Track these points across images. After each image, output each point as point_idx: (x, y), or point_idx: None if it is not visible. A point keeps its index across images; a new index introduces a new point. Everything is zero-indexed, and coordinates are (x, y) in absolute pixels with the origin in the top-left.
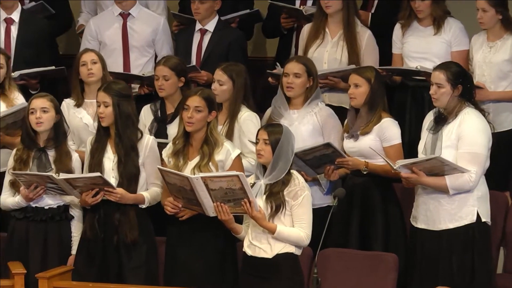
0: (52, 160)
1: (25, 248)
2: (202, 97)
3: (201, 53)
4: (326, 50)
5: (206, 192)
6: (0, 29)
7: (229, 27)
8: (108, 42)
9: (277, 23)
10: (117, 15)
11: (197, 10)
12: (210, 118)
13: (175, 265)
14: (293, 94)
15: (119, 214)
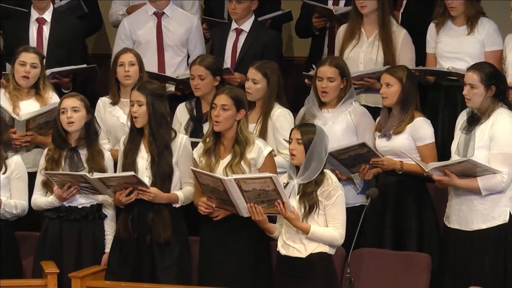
0: (85, 159)
1: (59, 248)
2: (229, 95)
3: (236, 53)
4: (362, 50)
5: (240, 193)
6: (32, 29)
7: (264, 27)
8: (143, 41)
9: (309, 23)
10: (151, 14)
11: (234, 10)
12: (239, 117)
13: (209, 265)
14: (328, 99)
15: (152, 213)
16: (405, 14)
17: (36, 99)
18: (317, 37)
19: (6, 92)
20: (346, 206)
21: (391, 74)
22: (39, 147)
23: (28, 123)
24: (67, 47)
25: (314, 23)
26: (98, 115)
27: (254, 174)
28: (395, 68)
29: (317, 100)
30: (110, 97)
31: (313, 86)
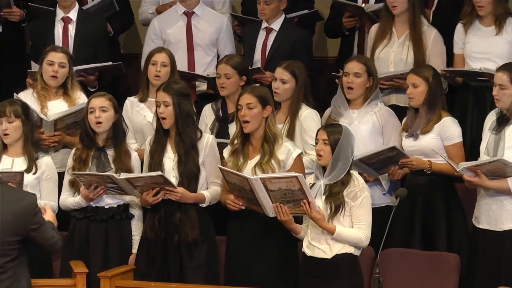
0: (111, 160)
1: (86, 248)
2: (253, 94)
3: (266, 52)
4: (392, 50)
5: (265, 192)
6: (58, 28)
7: (294, 26)
8: (173, 40)
9: (339, 23)
10: (181, 14)
11: (263, 11)
12: (266, 114)
13: (235, 265)
14: (353, 96)
15: (180, 213)
16: (436, 13)
17: (64, 99)
18: (347, 37)
19: (34, 92)
20: (372, 206)
21: (417, 74)
22: (67, 147)
23: (56, 124)
24: (93, 46)
25: (344, 22)
26: (126, 115)
27: (280, 173)
28: (421, 68)
29: (345, 98)
30: (139, 94)
31: (341, 85)
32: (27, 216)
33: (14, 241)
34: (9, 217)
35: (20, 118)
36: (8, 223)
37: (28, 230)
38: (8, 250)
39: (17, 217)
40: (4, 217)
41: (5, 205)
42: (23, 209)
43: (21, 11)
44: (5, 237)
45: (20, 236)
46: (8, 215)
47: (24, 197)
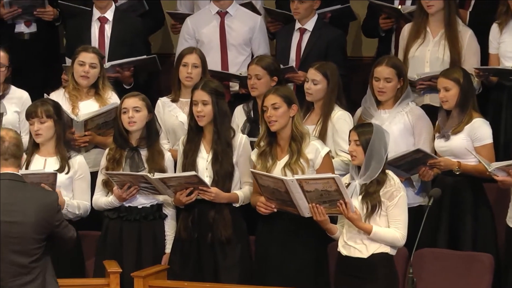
0: (145, 159)
1: (119, 248)
2: (277, 94)
3: (300, 52)
4: (428, 49)
5: (302, 193)
6: (94, 28)
7: (328, 26)
8: (206, 40)
9: (375, 24)
10: (214, 14)
11: (297, 10)
12: (292, 113)
13: (266, 266)
14: (385, 98)
15: (213, 212)
16: (473, 14)
17: (96, 99)
18: (384, 38)
19: (66, 92)
20: None
21: (447, 77)
22: (98, 147)
23: (86, 124)
24: (129, 45)
25: (381, 24)
26: (158, 115)
27: (317, 174)
28: (451, 70)
29: (374, 100)
30: (171, 95)
31: (370, 86)
32: (51, 213)
33: (39, 239)
34: (35, 214)
35: (52, 118)
36: (35, 221)
37: (53, 226)
38: (33, 249)
39: (42, 214)
40: (30, 215)
41: (31, 202)
42: (48, 206)
43: (54, 10)
44: (32, 235)
45: (45, 234)
46: (34, 212)
47: (48, 195)
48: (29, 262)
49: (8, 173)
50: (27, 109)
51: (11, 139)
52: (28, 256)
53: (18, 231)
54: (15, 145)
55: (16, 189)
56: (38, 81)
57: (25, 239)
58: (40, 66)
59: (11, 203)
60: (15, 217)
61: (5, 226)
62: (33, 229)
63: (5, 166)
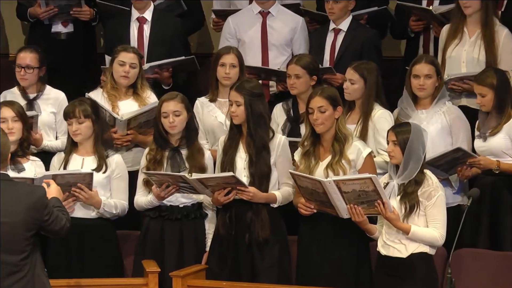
0: (185, 158)
1: (160, 247)
2: (323, 96)
3: (335, 53)
4: (464, 49)
5: (339, 194)
6: (133, 28)
7: (363, 26)
8: (247, 40)
9: (405, 25)
10: (256, 14)
11: (332, 10)
12: (337, 114)
13: (308, 265)
14: (424, 95)
15: (251, 213)
16: (505, 14)
17: (134, 98)
18: (412, 38)
19: (104, 92)
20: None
21: (481, 84)
22: (138, 146)
23: (129, 123)
24: (168, 45)
25: (412, 26)
26: (197, 116)
27: (354, 175)
28: (483, 75)
29: (412, 99)
30: (209, 94)
31: (407, 86)
32: (40, 209)
33: (29, 236)
34: (24, 213)
35: (90, 117)
36: (23, 220)
37: (42, 221)
38: (23, 246)
39: (30, 212)
40: (18, 214)
41: (18, 201)
42: (35, 203)
43: (91, 10)
44: (21, 233)
45: (34, 230)
46: (21, 210)
47: (34, 191)
48: (19, 260)
49: None
50: (65, 109)
51: None
52: (18, 254)
53: (7, 231)
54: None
55: (3, 190)
56: (75, 81)
57: (14, 238)
58: (77, 67)
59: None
60: (3, 218)
61: None
62: (22, 228)
63: None
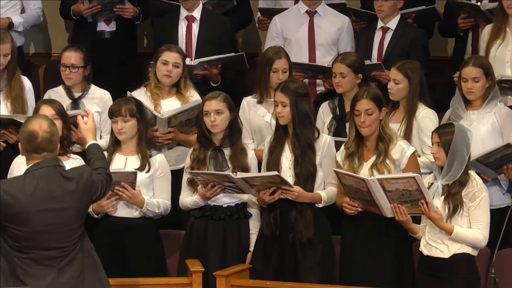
0: (228, 158)
1: (204, 247)
2: (370, 98)
3: (382, 51)
4: (508, 49)
5: (383, 193)
6: (182, 26)
7: (410, 25)
8: (294, 39)
9: (454, 23)
10: (303, 13)
11: (380, 8)
12: (382, 116)
13: (351, 265)
14: (474, 98)
15: (295, 212)
16: None
17: (177, 97)
18: (461, 36)
19: (147, 90)
20: (492, 207)
21: None
22: (181, 145)
23: (170, 121)
24: (216, 44)
25: (460, 24)
26: (243, 115)
27: (397, 174)
28: None
29: (463, 101)
30: (256, 95)
31: (458, 87)
32: (90, 191)
33: (81, 216)
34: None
35: (135, 116)
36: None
37: (92, 201)
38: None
39: (83, 195)
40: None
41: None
42: (85, 185)
43: (134, 9)
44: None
45: (86, 210)
46: (76, 194)
47: (82, 173)
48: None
49: (44, 161)
50: (110, 108)
51: (43, 133)
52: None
53: (61, 216)
54: (47, 140)
55: (53, 176)
56: (117, 80)
57: (69, 223)
58: (120, 65)
59: (50, 190)
60: (56, 204)
61: (48, 213)
62: (75, 212)
63: (37, 159)
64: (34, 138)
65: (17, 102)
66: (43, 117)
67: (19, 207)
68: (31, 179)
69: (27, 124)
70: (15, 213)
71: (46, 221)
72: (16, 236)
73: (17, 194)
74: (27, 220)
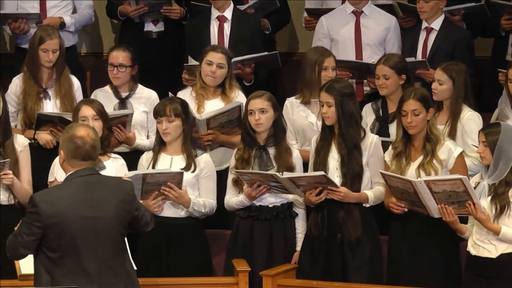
0: (273, 157)
1: (250, 247)
2: (417, 99)
3: (427, 51)
4: None
5: (430, 194)
6: (213, 26)
7: (455, 25)
8: (340, 39)
9: (496, 24)
10: (349, 13)
11: (422, 9)
12: (429, 116)
13: (398, 265)
14: None
15: (343, 212)
16: None
17: (222, 98)
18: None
19: (193, 91)
20: None
21: None
22: (223, 146)
23: (209, 122)
24: (248, 44)
25: (504, 25)
26: (286, 116)
27: (445, 176)
28: None
29: (510, 101)
30: (300, 96)
31: (506, 88)
32: (130, 202)
33: (122, 230)
34: (115, 207)
35: (180, 116)
36: (116, 213)
37: (132, 215)
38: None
39: (122, 205)
40: (110, 208)
41: (110, 196)
42: (125, 196)
43: (181, 9)
44: (115, 227)
45: (126, 223)
46: (114, 205)
47: (123, 184)
48: (114, 256)
49: (83, 170)
50: (155, 108)
51: (90, 140)
52: (113, 249)
53: (101, 225)
54: (92, 146)
55: (92, 185)
56: (165, 80)
57: (109, 232)
58: (168, 66)
59: (91, 199)
60: (96, 212)
61: (88, 221)
62: (115, 221)
63: (80, 166)
64: (82, 145)
65: (66, 99)
66: (85, 124)
67: (59, 216)
68: (70, 186)
69: (74, 131)
70: (55, 223)
71: (85, 230)
72: (56, 246)
73: (56, 203)
74: (67, 229)
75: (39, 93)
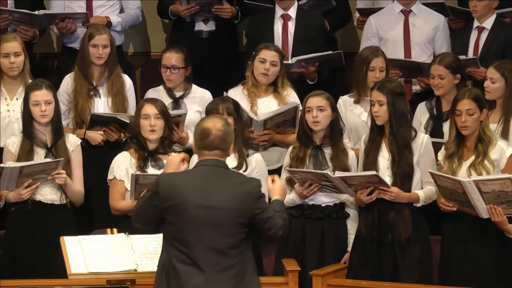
0: (329, 158)
1: (301, 246)
2: (471, 98)
3: (478, 51)
4: None
5: (479, 194)
6: (278, 25)
7: (507, 25)
8: (390, 38)
9: None
10: (398, 12)
11: (475, 8)
12: (482, 117)
13: (450, 265)
14: None
15: (394, 212)
16: None
17: (274, 96)
18: None
19: (245, 89)
20: None
21: None
22: (276, 145)
23: (266, 123)
24: (312, 42)
25: None
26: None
27: (493, 175)
28: None
29: None
30: (354, 94)
31: None
32: (251, 199)
33: (239, 222)
34: (233, 201)
35: (232, 115)
36: (231, 207)
37: (252, 214)
38: (234, 233)
39: (241, 199)
40: (226, 201)
41: (229, 189)
42: (248, 192)
43: (233, 8)
44: (228, 220)
45: (245, 219)
46: (233, 197)
47: (249, 181)
48: (229, 246)
49: (209, 160)
50: (207, 106)
51: (216, 132)
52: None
53: (215, 216)
54: (220, 138)
55: (214, 175)
56: (217, 80)
57: (221, 224)
58: (219, 65)
59: (207, 187)
60: (211, 202)
61: (201, 210)
62: (233, 213)
63: (208, 156)
64: (207, 136)
65: (117, 98)
66: (218, 116)
67: (175, 199)
68: (192, 173)
69: (202, 122)
70: (170, 206)
71: (197, 218)
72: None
73: (175, 187)
74: (181, 213)
75: (90, 91)
